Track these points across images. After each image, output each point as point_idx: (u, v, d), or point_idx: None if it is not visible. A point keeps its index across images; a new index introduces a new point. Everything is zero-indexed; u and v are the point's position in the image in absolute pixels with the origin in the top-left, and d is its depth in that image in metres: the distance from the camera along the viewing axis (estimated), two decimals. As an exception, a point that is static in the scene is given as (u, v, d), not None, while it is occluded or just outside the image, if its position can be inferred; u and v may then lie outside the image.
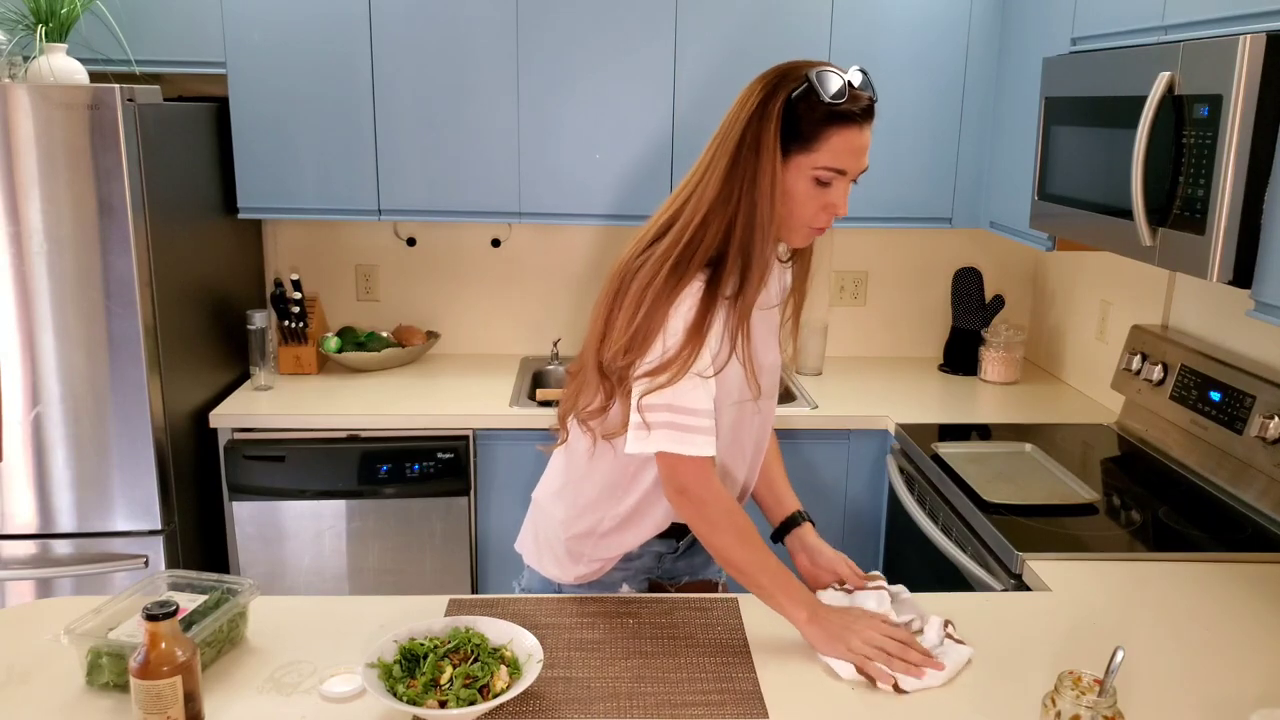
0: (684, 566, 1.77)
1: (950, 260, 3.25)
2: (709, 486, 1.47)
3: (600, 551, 1.63)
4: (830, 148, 1.40)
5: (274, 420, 2.65)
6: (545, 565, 1.69)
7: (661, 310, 1.41)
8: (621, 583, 1.68)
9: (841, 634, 1.43)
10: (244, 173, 2.79)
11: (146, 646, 1.18)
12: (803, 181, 1.42)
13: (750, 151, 1.40)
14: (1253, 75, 1.57)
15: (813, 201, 1.44)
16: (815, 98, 1.38)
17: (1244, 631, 1.58)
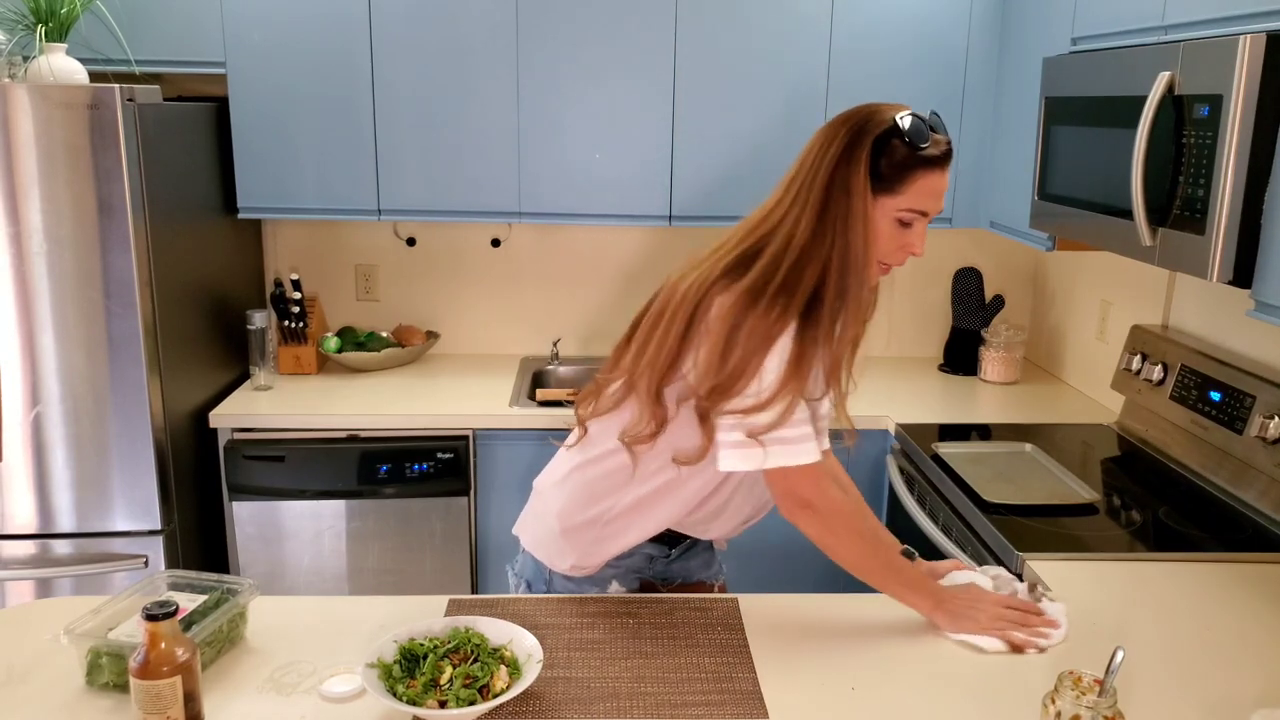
0: (679, 569, 1.77)
1: (950, 260, 3.25)
2: (827, 495, 1.50)
3: (597, 546, 1.64)
4: (915, 190, 1.44)
5: (274, 420, 2.65)
6: (539, 551, 1.70)
7: (760, 352, 1.42)
8: (611, 579, 1.68)
9: (969, 612, 1.51)
10: (244, 173, 2.79)
11: (146, 646, 1.18)
12: (885, 222, 1.46)
13: (841, 194, 1.43)
14: (1253, 75, 1.57)
15: (894, 241, 1.48)
16: (901, 142, 1.42)
17: (1244, 631, 1.58)
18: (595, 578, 1.67)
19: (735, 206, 2.83)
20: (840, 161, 1.43)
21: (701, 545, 1.79)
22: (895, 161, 1.43)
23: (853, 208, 1.42)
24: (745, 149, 2.81)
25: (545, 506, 1.70)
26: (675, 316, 1.48)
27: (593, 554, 1.65)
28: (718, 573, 1.85)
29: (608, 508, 1.61)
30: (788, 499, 1.50)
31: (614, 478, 1.60)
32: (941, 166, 1.45)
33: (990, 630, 1.49)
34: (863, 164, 1.42)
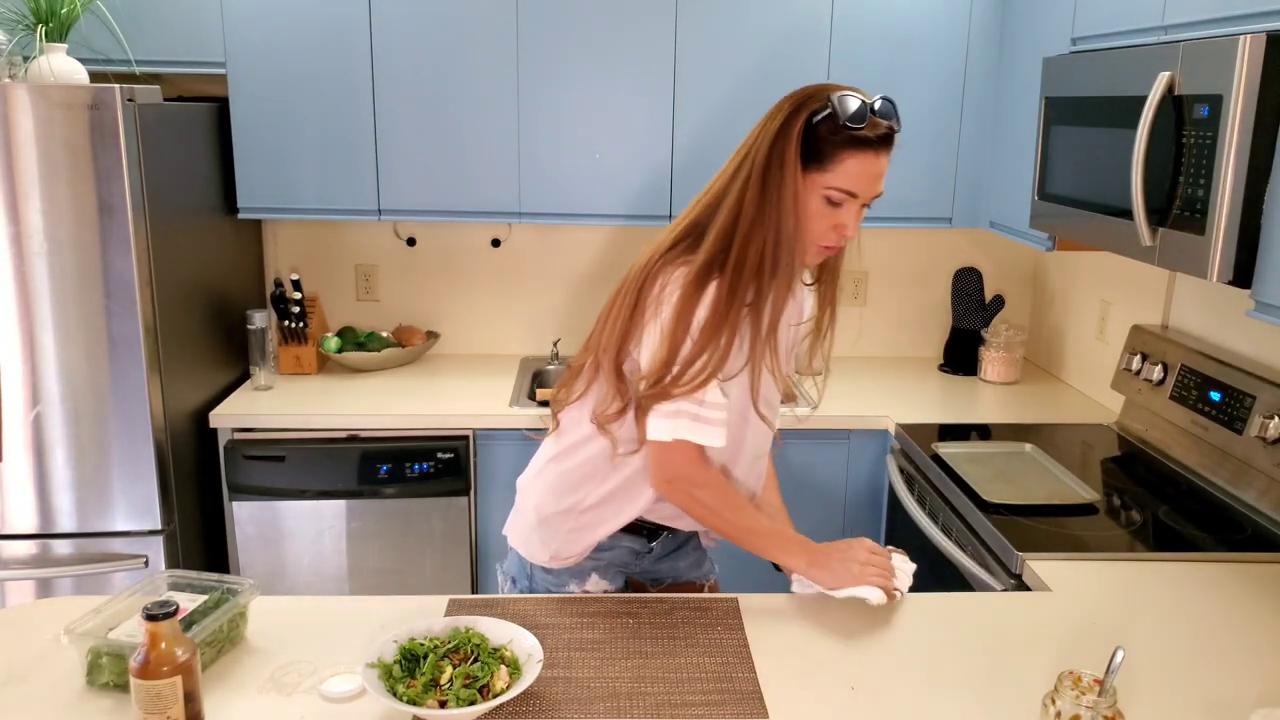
0: (667, 569, 1.78)
1: (950, 260, 3.25)
2: (700, 470, 1.54)
3: (574, 536, 1.66)
4: (844, 170, 1.45)
5: (274, 420, 2.65)
6: (520, 545, 1.72)
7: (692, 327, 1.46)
8: (591, 572, 1.69)
9: (843, 565, 1.56)
10: (244, 173, 2.79)
11: (146, 646, 1.18)
12: (815, 199, 1.47)
13: (777, 168, 1.45)
14: (1253, 75, 1.57)
15: (823, 220, 1.49)
16: (835, 120, 1.43)
17: (1244, 631, 1.58)
18: (575, 570, 1.68)
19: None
20: (778, 136, 1.45)
21: (690, 544, 1.80)
22: (825, 138, 1.44)
23: (785, 182, 1.44)
24: (745, 149, 2.81)
25: (525, 501, 1.72)
26: (628, 293, 1.52)
27: (570, 544, 1.66)
28: (709, 572, 1.85)
29: (581, 497, 1.64)
30: (658, 473, 1.54)
31: (587, 466, 1.62)
32: (875, 149, 1.45)
33: (862, 580, 1.55)
34: (794, 139, 1.44)
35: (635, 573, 1.76)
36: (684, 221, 1.53)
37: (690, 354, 1.45)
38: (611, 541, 1.67)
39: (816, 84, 1.49)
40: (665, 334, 1.46)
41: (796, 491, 2.74)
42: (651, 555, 1.74)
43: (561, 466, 1.66)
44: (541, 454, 1.72)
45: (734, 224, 1.46)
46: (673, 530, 1.72)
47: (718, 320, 1.45)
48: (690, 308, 1.45)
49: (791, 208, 1.45)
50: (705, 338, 1.45)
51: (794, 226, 1.46)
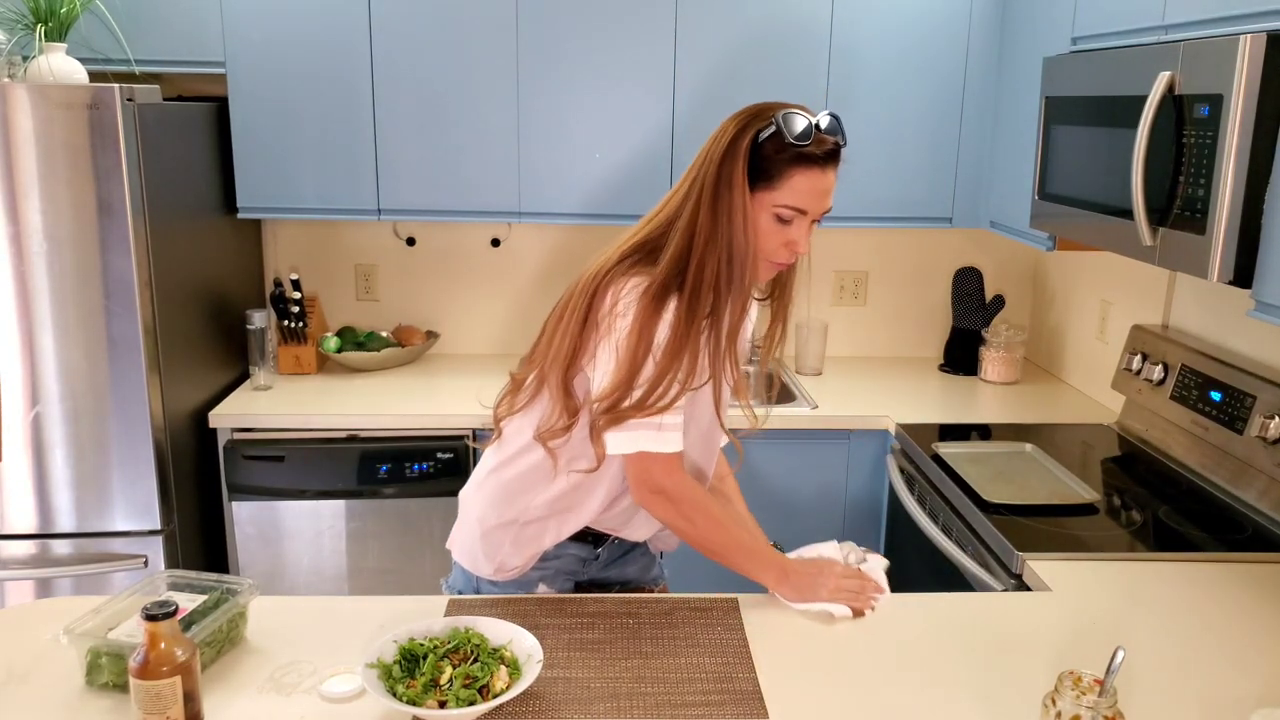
0: (615, 574, 1.77)
1: (950, 260, 3.25)
2: (682, 482, 1.55)
3: (517, 548, 1.64)
4: (792, 187, 1.46)
5: (273, 420, 2.65)
6: (464, 559, 1.71)
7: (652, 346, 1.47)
8: (538, 582, 1.68)
9: (813, 585, 1.58)
10: (244, 173, 2.79)
11: (146, 646, 1.18)
12: (765, 217, 1.48)
13: (725, 187, 1.46)
14: (1253, 75, 1.57)
15: (774, 237, 1.50)
16: (780, 138, 1.44)
17: (1244, 631, 1.58)
18: (520, 581, 1.67)
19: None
20: (725, 156, 1.46)
21: (638, 549, 1.78)
22: (772, 157, 1.45)
23: (734, 201, 1.45)
24: (745, 149, 2.81)
25: (467, 514, 1.71)
26: (576, 306, 1.52)
27: (515, 556, 1.65)
28: (658, 576, 1.84)
29: (523, 508, 1.63)
30: (642, 485, 1.54)
31: (528, 477, 1.62)
32: (821, 166, 1.46)
33: (833, 601, 1.57)
34: (741, 158, 1.45)
35: (583, 579, 1.73)
36: (634, 238, 1.54)
37: (654, 377, 1.45)
38: (557, 550, 1.66)
39: (762, 103, 1.50)
40: (625, 355, 1.45)
41: (796, 492, 2.74)
42: (599, 561, 1.72)
43: (503, 477, 1.64)
44: (483, 465, 1.71)
45: (688, 245, 1.47)
46: (620, 538, 1.71)
47: (678, 341, 1.46)
48: (650, 330, 1.45)
49: (742, 226, 1.46)
50: (667, 360, 1.45)
51: (745, 245, 1.47)
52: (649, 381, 1.45)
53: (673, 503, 1.54)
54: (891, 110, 2.81)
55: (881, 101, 2.81)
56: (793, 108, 1.46)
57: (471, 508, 1.71)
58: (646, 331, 1.45)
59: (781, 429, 2.69)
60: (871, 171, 2.85)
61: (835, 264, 3.26)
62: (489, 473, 1.68)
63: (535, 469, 1.60)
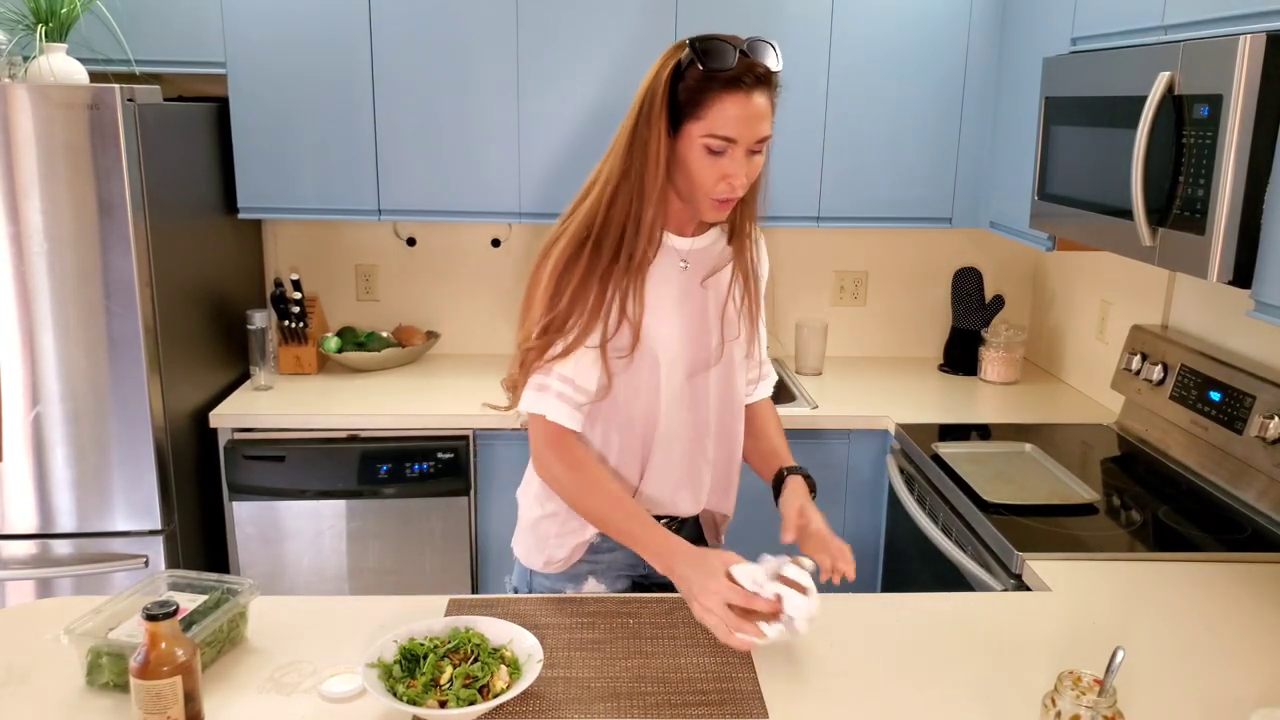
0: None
1: (950, 260, 3.25)
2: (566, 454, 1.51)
3: (561, 540, 1.65)
4: (718, 114, 1.40)
5: (274, 420, 2.65)
6: (520, 553, 1.73)
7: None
8: (588, 575, 1.67)
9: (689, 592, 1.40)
10: (244, 173, 2.79)
11: (146, 646, 1.18)
12: (695, 150, 1.42)
13: (644, 123, 1.42)
14: (1253, 75, 1.57)
15: (708, 171, 1.43)
16: (700, 66, 1.39)
17: (1244, 631, 1.58)
18: (570, 574, 1.67)
19: (735, 206, 2.83)
20: (647, 91, 1.43)
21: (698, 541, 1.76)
22: (694, 85, 1.40)
23: (650, 134, 1.41)
24: (745, 149, 2.81)
25: (521, 511, 1.74)
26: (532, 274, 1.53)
27: (559, 548, 1.65)
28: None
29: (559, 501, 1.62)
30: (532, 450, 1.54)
31: None
32: (748, 89, 1.39)
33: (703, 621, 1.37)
34: (661, 91, 1.41)
35: (642, 575, 1.70)
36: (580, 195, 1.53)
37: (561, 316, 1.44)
38: (609, 543, 1.64)
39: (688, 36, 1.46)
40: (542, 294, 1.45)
41: (796, 491, 2.74)
42: None
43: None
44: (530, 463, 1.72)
45: (603, 186, 1.45)
46: (672, 518, 1.66)
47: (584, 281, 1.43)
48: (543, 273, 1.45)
49: (654, 158, 1.41)
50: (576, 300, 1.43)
51: (655, 179, 1.42)
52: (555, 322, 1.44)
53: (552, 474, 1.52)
54: (891, 110, 2.81)
55: (881, 101, 2.81)
56: (716, 35, 1.41)
57: (522, 502, 1.73)
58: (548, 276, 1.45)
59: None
60: (871, 171, 2.85)
61: (835, 264, 3.26)
62: (530, 469, 1.69)
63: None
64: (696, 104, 1.40)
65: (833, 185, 2.85)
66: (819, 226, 2.89)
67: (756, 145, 1.44)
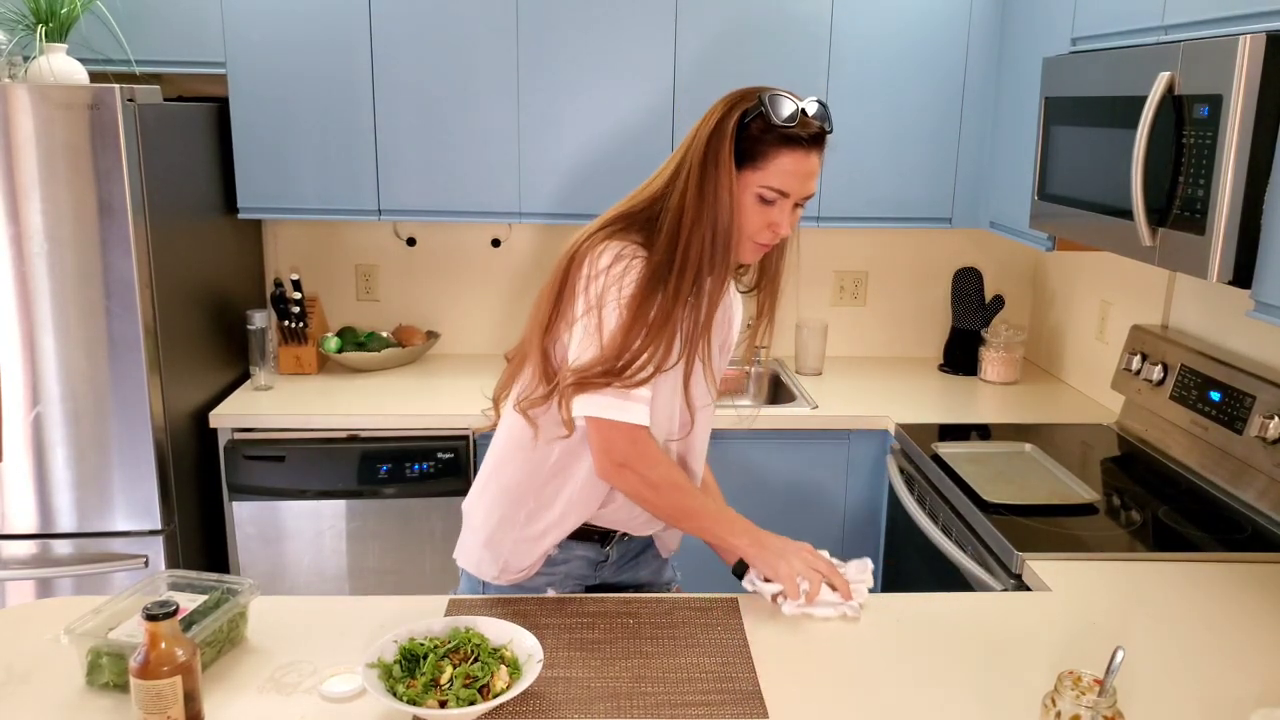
0: (628, 578, 1.76)
1: (950, 260, 3.25)
2: (646, 452, 1.53)
3: (521, 549, 1.65)
4: (776, 168, 1.48)
5: (274, 420, 2.65)
6: (470, 564, 1.72)
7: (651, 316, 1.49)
8: (546, 587, 1.67)
9: (784, 553, 1.57)
10: (244, 173, 2.79)
11: (147, 646, 1.18)
12: (749, 197, 1.50)
13: (712, 166, 1.48)
14: (1253, 75, 1.57)
15: (757, 218, 1.52)
16: (766, 119, 1.46)
17: (1244, 631, 1.58)
18: (527, 585, 1.67)
19: (735, 206, 2.83)
20: (712, 136, 1.48)
21: (648, 551, 1.78)
22: (757, 138, 1.47)
23: (720, 180, 1.47)
24: (745, 149, 2.81)
25: (471, 520, 1.73)
26: (556, 275, 1.55)
27: (520, 557, 1.65)
28: (671, 580, 1.84)
29: (523, 504, 1.63)
30: (605, 457, 1.53)
31: (525, 470, 1.63)
32: (806, 148, 1.48)
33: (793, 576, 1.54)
34: (728, 138, 1.47)
35: (594, 584, 1.72)
36: (615, 212, 1.55)
37: (636, 351, 1.47)
38: (564, 554, 1.66)
39: (751, 86, 1.52)
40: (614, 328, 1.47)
41: (796, 491, 2.74)
42: (609, 564, 1.72)
43: (501, 479, 1.66)
44: (482, 472, 1.73)
45: (677, 224, 1.49)
46: (626, 535, 1.71)
47: (663, 319, 1.48)
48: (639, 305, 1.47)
49: (727, 204, 1.48)
50: (650, 337, 1.47)
51: (730, 223, 1.49)
52: (630, 355, 1.47)
53: (636, 473, 1.53)
54: (891, 110, 2.81)
55: (881, 101, 2.81)
56: (780, 91, 1.48)
57: (475, 513, 1.72)
58: (634, 305, 1.47)
59: (781, 429, 2.69)
60: (871, 171, 2.85)
61: (835, 264, 3.26)
62: (488, 478, 1.70)
63: (532, 465, 1.62)
64: (757, 154, 1.48)
65: (833, 185, 2.85)
66: (819, 226, 2.90)
67: (803, 200, 1.53)
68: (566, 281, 1.53)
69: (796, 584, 1.55)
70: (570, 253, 1.53)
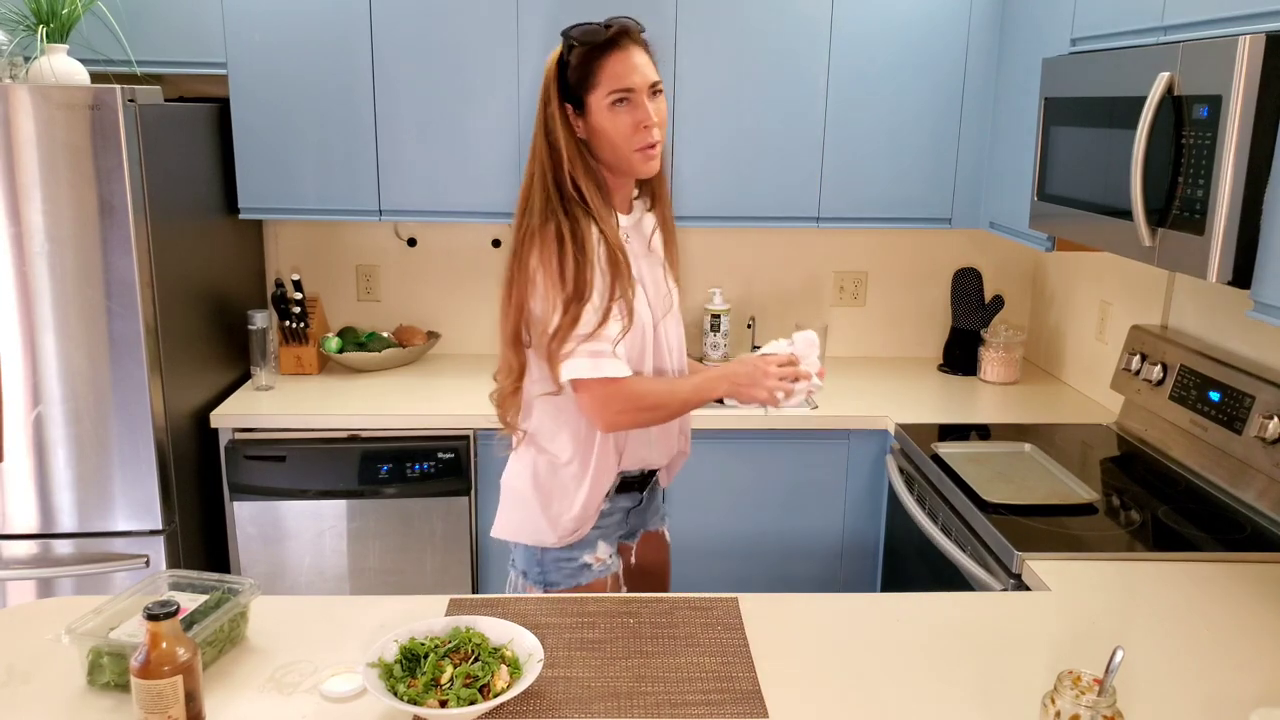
0: (638, 521, 1.92)
1: (950, 260, 3.25)
2: (631, 392, 1.63)
3: (577, 507, 1.74)
4: (607, 75, 1.59)
5: (275, 420, 2.65)
6: (526, 535, 1.78)
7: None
8: (598, 541, 1.78)
9: (755, 380, 1.70)
10: (245, 173, 2.79)
11: (147, 646, 1.18)
12: (604, 114, 1.60)
13: (542, 106, 1.63)
14: (1252, 75, 1.57)
15: (623, 126, 1.61)
16: (573, 47, 1.60)
17: (1244, 631, 1.58)
18: (585, 541, 1.78)
19: (735, 206, 2.83)
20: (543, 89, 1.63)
21: (656, 492, 1.96)
22: (578, 65, 1.60)
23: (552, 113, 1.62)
24: (745, 148, 2.82)
25: (518, 494, 1.79)
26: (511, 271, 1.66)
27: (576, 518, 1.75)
28: (664, 515, 2.01)
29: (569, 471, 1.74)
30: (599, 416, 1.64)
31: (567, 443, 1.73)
32: (619, 47, 1.59)
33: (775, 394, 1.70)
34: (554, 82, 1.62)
35: (625, 532, 1.87)
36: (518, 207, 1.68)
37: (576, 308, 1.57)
38: (611, 506, 1.78)
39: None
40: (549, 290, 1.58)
41: (796, 491, 2.75)
42: (637, 510, 1.87)
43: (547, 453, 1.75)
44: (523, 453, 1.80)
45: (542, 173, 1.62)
46: (654, 477, 1.87)
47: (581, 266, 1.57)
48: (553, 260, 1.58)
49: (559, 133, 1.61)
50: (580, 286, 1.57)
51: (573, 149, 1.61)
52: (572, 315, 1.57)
53: (630, 414, 1.65)
54: (891, 110, 2.81)
55: (881, 101, 2.81)
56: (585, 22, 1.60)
57: (514, 487, 1.79)
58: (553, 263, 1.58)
59: (781, 429, 2.69)
60: (871, 172, 2.85)
61: (835, 264, 3.26)
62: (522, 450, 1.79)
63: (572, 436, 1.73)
64: (588, 75, 1.60)
65: (832, 185, 2.85)
66: (819, 227, 2.90)
67: (653, 89, 1.62)
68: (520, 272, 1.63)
69: (776, 398, 1.70)
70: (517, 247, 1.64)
